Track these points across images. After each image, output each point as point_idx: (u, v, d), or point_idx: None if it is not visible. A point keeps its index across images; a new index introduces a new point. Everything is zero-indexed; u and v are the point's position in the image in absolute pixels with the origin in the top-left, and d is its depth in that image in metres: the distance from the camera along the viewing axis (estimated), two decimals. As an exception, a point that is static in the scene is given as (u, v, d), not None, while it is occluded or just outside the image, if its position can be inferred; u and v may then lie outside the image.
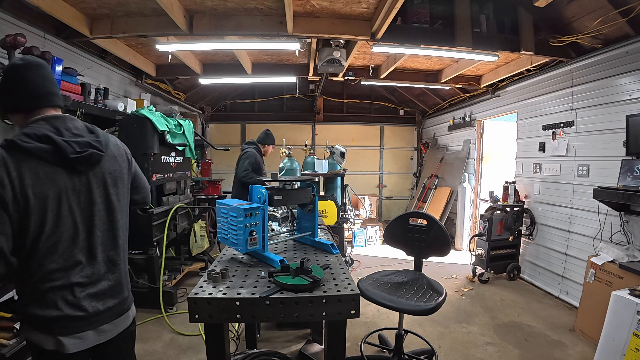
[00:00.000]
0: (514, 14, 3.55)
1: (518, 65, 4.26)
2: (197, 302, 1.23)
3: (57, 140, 1.08)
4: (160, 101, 5.54)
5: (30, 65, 1.16)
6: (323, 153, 4.78)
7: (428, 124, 7.87)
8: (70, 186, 1.12)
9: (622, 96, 3.07)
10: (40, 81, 1.17)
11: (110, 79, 4.17)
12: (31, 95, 1.15)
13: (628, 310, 2.03)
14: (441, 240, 2.24)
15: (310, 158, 4.40)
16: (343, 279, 1.42)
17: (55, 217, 1.08)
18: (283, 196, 1.75)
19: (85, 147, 1.14)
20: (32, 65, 1.17)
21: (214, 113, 7.47)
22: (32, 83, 1.15)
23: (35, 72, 1.16)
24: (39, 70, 1.17)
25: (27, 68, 1.15)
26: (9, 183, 1.01)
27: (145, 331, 2.96)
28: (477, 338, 2.91)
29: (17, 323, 1.94)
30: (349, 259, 4.68)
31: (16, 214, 1.02)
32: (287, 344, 2.76)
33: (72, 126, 1.18)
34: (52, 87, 1.21)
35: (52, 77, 1.22)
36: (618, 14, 2.82)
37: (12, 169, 1.02)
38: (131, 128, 3.28)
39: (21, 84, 1.15)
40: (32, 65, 1.17)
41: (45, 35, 3.06)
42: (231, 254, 1.78)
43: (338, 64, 3.77)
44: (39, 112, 1.16)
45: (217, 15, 3.29)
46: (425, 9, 3.46)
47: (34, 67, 1.17)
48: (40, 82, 1.17)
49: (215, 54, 4.70)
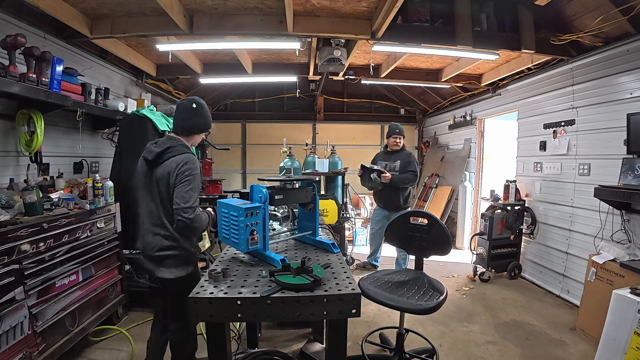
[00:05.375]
0: (514, 13, 3.54)
1: (519, 64, 4.25)
2: (199, 301, 1.23)
3: (146, 147, 1.91)
4: (160, 101, 5.54)
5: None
6: (323, 152, 4.78)
7: (429, 122, 7.86)
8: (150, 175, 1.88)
9: (623, 95, 3.07)
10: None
11: (111, 79, 4.17)
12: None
13: (629, 309, 2.03)
14: (442, 239, 2.24)
15: (311, 157, 4.40)
16: (344, 278, 1.43)
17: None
18: (284, 195, 1.75)
19: (151, 155, 1.85)
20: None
21: (214, 112, 7.45)
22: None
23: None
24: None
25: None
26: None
27: (146, 331, 2.94)
28: (478, 337, 2.91)
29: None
30: (350, 258, 4.68)
31: None
32: (288, 343, 2.77)
33: (160, 141, 1.91)
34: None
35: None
36: (619, 12, 2.81)
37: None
38: (132, 128, 3.28)
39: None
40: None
41: (45, 35, 3.06)
42: (232, 253, 1.78)
43: (338, 63, 3.76)
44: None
45: (217, 14, 3.29)
46: (425, 7, 3.45)
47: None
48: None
49: (215, 54, 4.69)
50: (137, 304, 3.29)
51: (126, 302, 3.11)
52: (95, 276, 2.67)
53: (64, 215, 2.34)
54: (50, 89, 2.56)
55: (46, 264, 2.16)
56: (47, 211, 2.32)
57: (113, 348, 2.67)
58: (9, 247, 1.90)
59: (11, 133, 2.76)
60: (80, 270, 2.49)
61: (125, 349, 2.66)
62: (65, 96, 2.73)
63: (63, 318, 2.29)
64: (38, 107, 2.64)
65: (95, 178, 2.83)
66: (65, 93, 2.80)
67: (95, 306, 2.65)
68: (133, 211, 2.34)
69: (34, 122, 2.62)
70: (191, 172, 1.78)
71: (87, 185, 2.83)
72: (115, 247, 2.92)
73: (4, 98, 2.51)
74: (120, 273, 3.00)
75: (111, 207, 2.88)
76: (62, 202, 2.49)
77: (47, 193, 2.60)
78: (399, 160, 4.07)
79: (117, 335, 2.84)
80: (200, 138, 2.05)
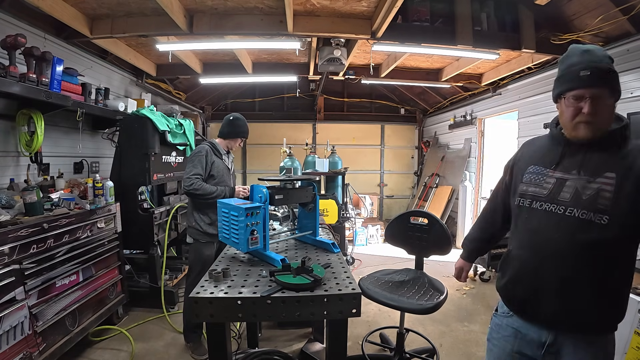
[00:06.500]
0: (514, 12, 3.54)
1: (519, 64, 4.25)
2: (199, 301, 1.23)
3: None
4: (160, 101, 5.54)
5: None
6: (324, 152, 4.78)
7: (429, 122, 7.86)
8: None
9: (624, 94, 3.00)
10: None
11: (111, 79, 4.17)
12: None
13: (629, 309, 2.01)
14: (442, 239, 2.24)
15: (311, 157, 4.40)
16: (344, 277, 1.42)
17: None
18: (284, 195, 1.75)
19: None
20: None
21: (214, 112, 7.47)
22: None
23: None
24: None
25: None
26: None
27: (146, 330, 2.97)
28: (479, 337, 2.91)
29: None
30: (350, 258, 4.68)
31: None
32: (289, 342, 2.77)
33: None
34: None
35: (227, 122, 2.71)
36: (619, 11, 2.81)
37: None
38: (132, 128, 3.28)
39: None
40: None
41: (45, 35, 3.06)
42: (232, 253, 1.78)
43: (338, 63, 3.76)
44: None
45: (217, 14, 3.29)
46: (425, 7, 3.45)
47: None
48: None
49: (215, 54, 4.69)
50: (137, 303, 3.30)
51: (126, 302, 3.11)
52: (96, 276, 2.67)
53: (64, 215, 2.34)
54: (51, 89, 2.57)
55: (46, 264, 2.16)
56: (48, 211, 2.32)
57: (113, 348, 2.67)
58: (9, 247, 1.90)
59: (11, 133, 2.76)
60: (80, 270, 2.49)
61: (125, 348, 2.66)
62: (66, 96, 2.73)
63: (63, 318, 2.29)
64: (38, 107, 2.64)
65: (95, 178, 2.83)
66: (66, 93, 2.80)
67: (95, 306, 2.65)
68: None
69: (34, 122, 2.62)
70: (194, 155, 2.54)
71: (88, 185, 2.83)
72: (115, 247, 2.92)
73: (4, 98, 2.51)
74: (120, 273, 3.00)
75: (111, 207, 2.88)
76: (63, 202, 2.49)
77: (48, 193, 2.60)
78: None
79: (117, 335, 2.84)
80: (235, 142, 2.71)
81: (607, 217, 1.07)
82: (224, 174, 2.63)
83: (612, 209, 1.06)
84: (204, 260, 2.53)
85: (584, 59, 1.12)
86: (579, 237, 1.11)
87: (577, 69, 1.12)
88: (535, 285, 1.19)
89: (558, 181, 1.19)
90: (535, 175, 1.26)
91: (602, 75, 1.10)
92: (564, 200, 1.15)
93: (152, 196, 3.79)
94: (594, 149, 1.15)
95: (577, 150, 1.18)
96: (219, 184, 2.55)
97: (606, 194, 1.08)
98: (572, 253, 1.11)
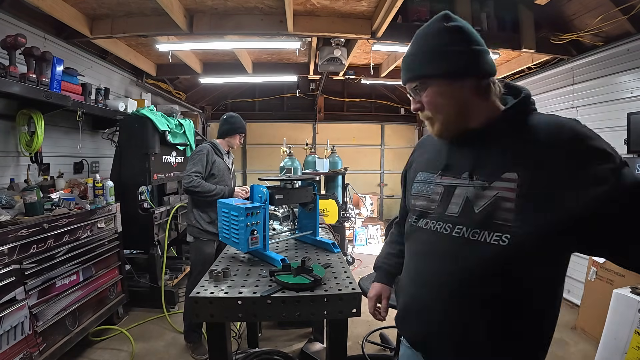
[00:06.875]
0: (514, 12, 3.54)
1: (519, 63, 4.25)
2: (199, 301, 1.23)
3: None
4: (160, 101, 5.54)
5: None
6: (324, 152, 4.78)
7: (429, 122, 7.84)
8: None
9: (624, 94, 3.06)
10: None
11: (111, 79, 4.17)
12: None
13: (629, 309, 2.03)
14: (442, 239, 2.23)
15: (311, 157, 4.40)
16: (344, 277, 1.43)
17: None
18: (284, 195, 1.75)
19: None
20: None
21: (214, 112, 7.46)
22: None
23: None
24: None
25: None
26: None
27: (146, 330, 2.97)
28: (479, 336, 2.91)
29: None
30: (350, 258, 4.68)
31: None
32: (289, 342, 2.77)
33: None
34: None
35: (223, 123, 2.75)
36: (619, 11, 2.81)
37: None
38: (132, 128, 3.29)
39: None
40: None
41: (45, 35, 3.06)
42: (232, 253, 1.78)
43: (338, 63, 3.76)
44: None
45: (217, 14, 3.29)
46: (425, 7, 3.45)
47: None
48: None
49: (215, 54, 4.69)
50: (137, 303, 3.30)
51: (127, 302, 3.11)
52: (96, 276, 2.67)
53: (64, 215, 2.34)
54: (51, 89, 2.57)
55: (47, 264, 2.16)
56: (48, 211, 2.32)
57: (114, 348, 2.67)
58: (9, 247, 1.90)
59: (11, 133, 2.76)
60: (80, 270, 2.49)
61: (125, 348, 2.66)
62: (66, 96, 2.73)
63: (64, 318, 2.29)
64: (38, 107, 2.64)
65: (95, 178, 2.83)
66: (66, 93, 2.80)
67: (95, 306, 2.65)
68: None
69: (34, 122, 2.62)
70: (195, 153, 2.57)
71: (88, 185, 2.84)
72: (115, 247, 2.92)
73: (4, 98, 2.51)
74: (120, 273, 3.00)
75: (111, 207, 2.88)
76: (63, 202, 2.49)
77: (48, 193, 2.60)
78: None
79: (117, 335, 2.84)
80: (235, 140, 2.73)
81: (507, 236, 0.76)
82: (225, 173, 2.66)
83: (515, 223, 0.76)
84: (205, 258, 2.54)
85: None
86: (468, 267, 0.81)
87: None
88: (423, 329, 0.92)
89: (446, 189, 0.90)
90: (423, 184, 0.98)
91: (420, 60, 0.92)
92: (451, 215, 0.86)
93: (152, 196, 3.79)
94: (488, 140, 0.85)
95: (467, 144, 0.88)
96: (219, 183, 2.57)
97: (506, 203, 0.77)
98: (462, 290, 0.83)
